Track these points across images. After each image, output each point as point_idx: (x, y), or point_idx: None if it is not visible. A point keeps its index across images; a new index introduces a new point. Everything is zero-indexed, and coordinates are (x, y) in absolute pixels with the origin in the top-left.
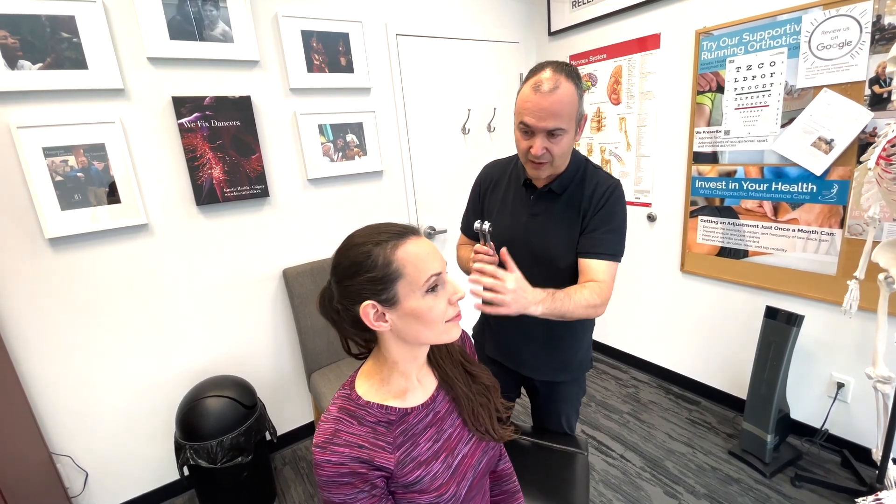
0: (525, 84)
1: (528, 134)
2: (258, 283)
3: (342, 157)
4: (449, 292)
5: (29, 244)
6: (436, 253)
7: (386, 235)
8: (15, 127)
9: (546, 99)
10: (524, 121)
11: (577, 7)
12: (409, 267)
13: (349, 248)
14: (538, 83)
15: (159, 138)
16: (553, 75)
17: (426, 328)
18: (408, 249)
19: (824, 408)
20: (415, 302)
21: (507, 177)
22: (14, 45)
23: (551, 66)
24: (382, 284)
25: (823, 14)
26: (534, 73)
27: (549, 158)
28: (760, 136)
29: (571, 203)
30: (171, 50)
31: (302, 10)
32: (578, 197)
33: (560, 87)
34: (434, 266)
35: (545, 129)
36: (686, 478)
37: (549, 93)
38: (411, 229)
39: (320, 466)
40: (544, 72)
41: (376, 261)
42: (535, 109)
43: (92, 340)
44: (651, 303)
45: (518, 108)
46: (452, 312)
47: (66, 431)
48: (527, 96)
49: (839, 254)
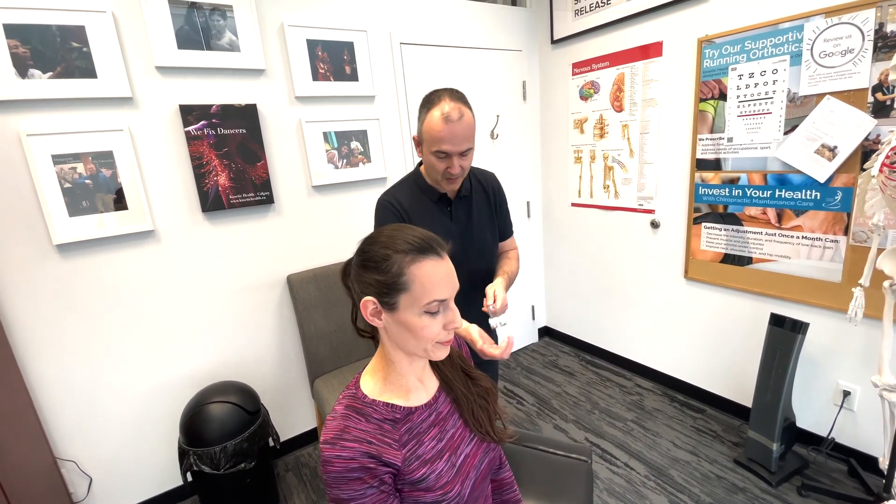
0: (429, 115)
1: (444, 158)
2: (263, 290)
3: (346, 165)
4: (447, 319)
5: (37, 250)
6: (450, 280)
7: (410, 246)
8: (25, 134)
9: (458, 126)
10: (443, 149)
11: (580, 15)
12: (416, 285)
13: (374, 243)
14: (447, 115)
15: (166, 146)
16: (455, 104)
17: (414, 340)
18: (423, 268)
19: (830, 416)
20: (411, 317)
21: (417, 200)
22: (25, 54)
23: (447, 94)
24: (388, 289)
25: (825, 22)
26: (433, 104)
27: (462, 172)
28: (763, 144)
29: (482, 199)
30: (179, 59)
31: (307, 20)
32: (483, 192)
33: (464, 114)
34: (441, 293)
35: (459, 151)
36: (691, 486)
37: (458, 121)
38: (436, 247)
39: (329, 463)
40: (445, 102)
41: (391, 266)
42: (450, 138)
43: (97, 346)
44: (655, 309)
45: (432, 138)
46: (444, 337)
47: (70, 436)
48: (440, 128)
49: (844, 261)
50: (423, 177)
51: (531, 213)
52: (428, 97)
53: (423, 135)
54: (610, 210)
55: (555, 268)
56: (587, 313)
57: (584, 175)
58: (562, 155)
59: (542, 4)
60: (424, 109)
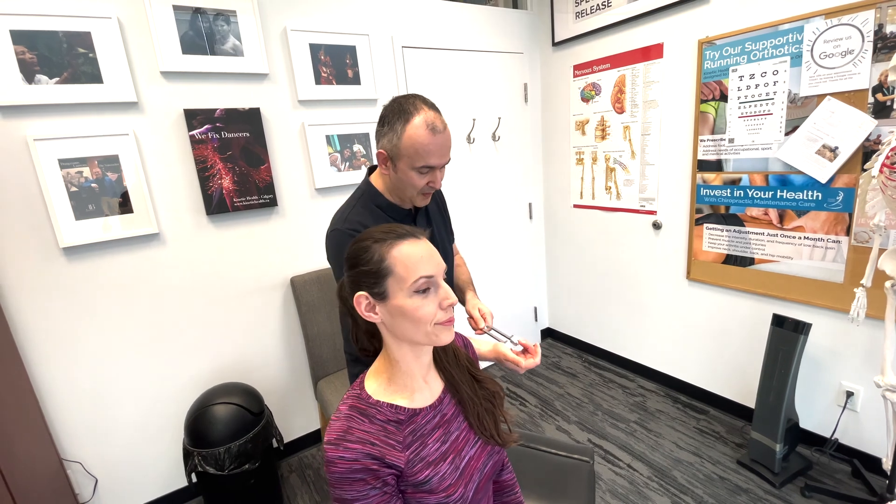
0: (409, 126)
1: (427, 173)
2: (266, 291)
3: (349, 167)
4: (440, 297)
5: (44, 253)
6: (431, 257)
7: (388, 235)
8: (32, 139)
9: (443, 136)
10: (430, 163)
11: (581, 18)
12: (399, 266)
13: (356, 242)
14: (431, 124)
15: (171, 150)
16: (434, 114)
17: (413, 326)
18: (402, 249)
19: (834, 417)
20: (402, 300)
21: (379, 221)
22: (31, 60)
23: (421, 102)
24: (374, 278)
25: (825, 23)
26: (410, 114)
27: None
28: (765, 145)
29: (437, 208)
30: (184, 64)
31: (310, 24)
32: (436, 201)
33: (446, 125)
34: (425, 269)
35: (444, 164)
36: (694, 488)
37: (443, 131)
38: (414, 232)
39: (333, 463)
40: (425, 112)
41: (371, 256)
42: (438, 150)
43: (103, 347)
44: (657, 311)
45: (417, 153)
46: (442, 317)
47: (76, 437)
48: (427, 141)
49: (846, 261)
50: (381, 195)
51: (533, 215)
52: (399, 106)
53: (403, 150)
54: (612, 211)
55: (557, 269)
56: (590, 315)
57: (585, 176)
58: (563, 157)
59: (543, 7)
60: (400, 120)
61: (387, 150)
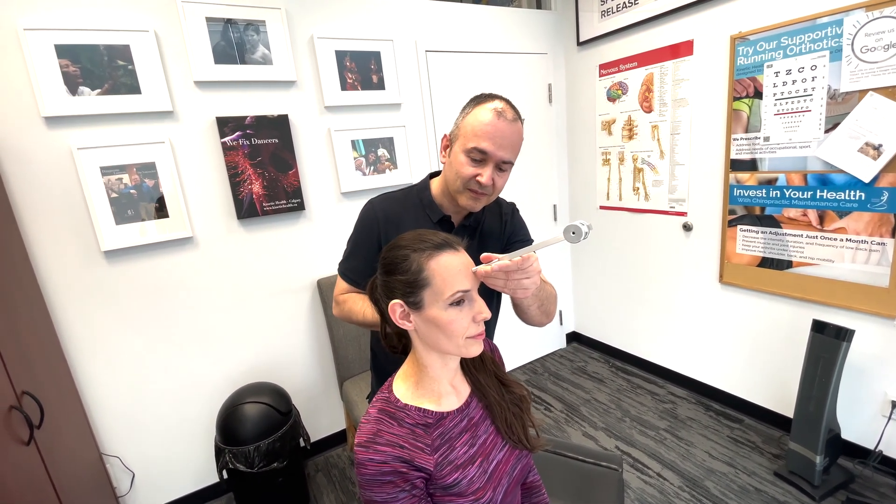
0: (477, 108)
1: (477, 162)
2: (294, 293)
3: (374, 171)
4: (474, 311)
5: (86, 257)
6: (468, 270)
7: (426, 244)
8: (75, 148)
9: (510, 127)
10: (481, 146)
11: (607, 16)
12: (437, 278)
13: (393, 248)
14: (500, 110)
15: (204, 156)
16: (509, 108)
17: (446, 338)
18: (441, 261)
19: (878, 428)
20: (437, 311)
21: (410, 214)
22: (75, 72)
23: (501, 99)
24: (411, 288)
25: (866, 16)
26: (484, 100)
27: (491, 191)
28: (803, 143)
29: (490, 235)
30: (216, 73)
31: (336, 32)
32: (492, 227)
33: (518, 121)
34: (462, 283)
35: (501, 158)
36: (728, 499)
37: (512, 122)
38: (452, 243)
39: (363, 465)
40: (497, 101)
41: (410, 265)
42: (496, 135)
43: (141, 347)
44: (688, 315)
45: (472, 132)
46: (474, 331)
47: (115, 433)
48: (487, 121)
49: (892, 264)
50: (428, 190)
51: (558, 217)
52: (477, 96)
53: (462, 128)
54: (640, 213)
55: (582, 272)
56: (616, 318)
57: (612, 177)
58: (589, 157)
59: (567, 6)
60: (472, 104)
61: (449, 133)
